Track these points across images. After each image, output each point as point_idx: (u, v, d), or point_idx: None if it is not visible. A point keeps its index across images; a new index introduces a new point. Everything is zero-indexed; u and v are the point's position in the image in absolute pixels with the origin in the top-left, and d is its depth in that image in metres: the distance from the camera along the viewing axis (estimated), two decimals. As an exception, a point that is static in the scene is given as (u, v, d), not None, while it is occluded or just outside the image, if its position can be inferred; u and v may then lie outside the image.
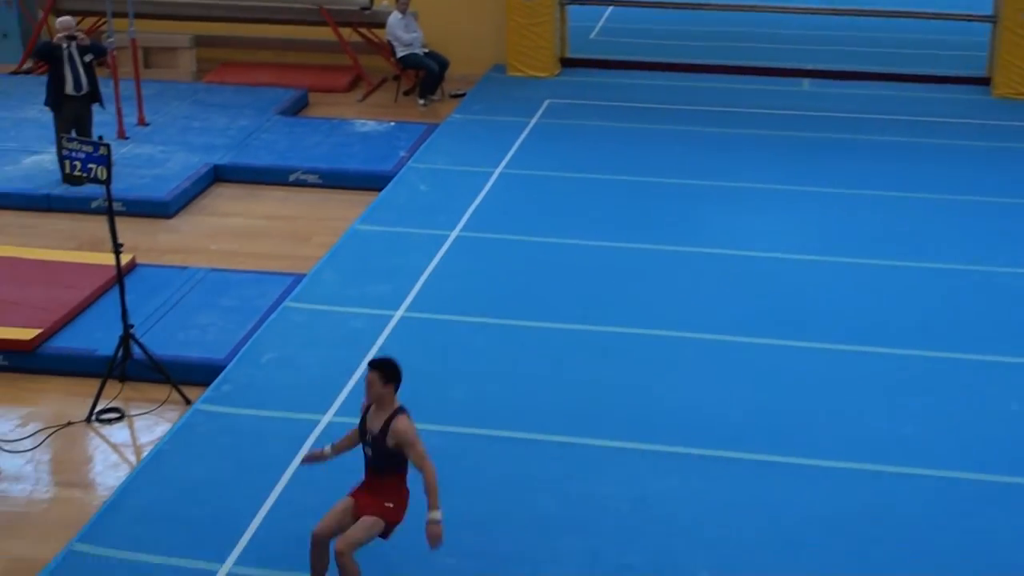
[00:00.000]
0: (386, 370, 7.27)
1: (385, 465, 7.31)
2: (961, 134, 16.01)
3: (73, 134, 13.40)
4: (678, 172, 14.42)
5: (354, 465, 7.63)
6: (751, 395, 9.80)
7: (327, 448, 7.71)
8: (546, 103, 16.91)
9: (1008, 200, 13.76)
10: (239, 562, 7.80)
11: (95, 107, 14.12)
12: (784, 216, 13.32)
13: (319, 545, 7.35)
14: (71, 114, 13.86)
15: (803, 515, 8.37)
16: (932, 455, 9.01)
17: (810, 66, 18.69)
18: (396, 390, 7.33)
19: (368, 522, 7.22)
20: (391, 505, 7.33)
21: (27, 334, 10.47)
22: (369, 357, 10.17)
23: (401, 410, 7.30)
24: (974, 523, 8.29)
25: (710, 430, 9.30)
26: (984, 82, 17.95)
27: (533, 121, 16.16)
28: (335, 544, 7.23)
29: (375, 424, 7.30)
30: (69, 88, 13.81)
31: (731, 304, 11.29)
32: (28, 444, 9.43)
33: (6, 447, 9.37)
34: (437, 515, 7.11)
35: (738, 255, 12.30)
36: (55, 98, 13.91)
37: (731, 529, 8.22)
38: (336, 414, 9.44)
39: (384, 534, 7.34)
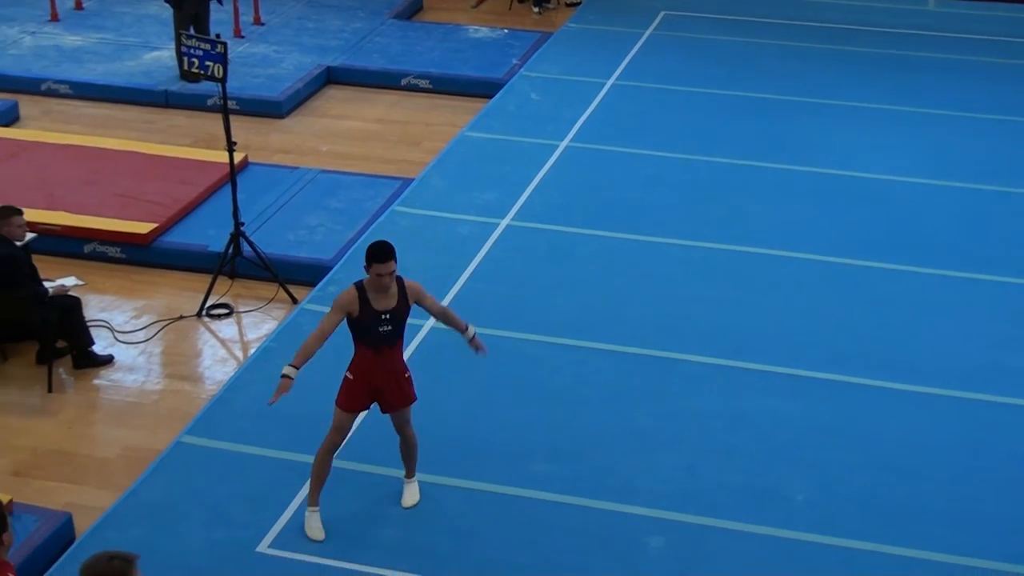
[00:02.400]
0: (394, 254, 7.16)
1: (401, 333, 7.34)
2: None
3: (191, 31, 13.56)
4: (792, 89, 14.19)
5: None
6: (855, 318, 9.72)
7: (288, 371, 7.19)
8: (661, 14, 16.69)
9: None
10: (340, 457, 7.95)
11: (213, 4, 14.25)
12: (898, 137, 13.06)
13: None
14: (190, 11, 13.98)
15: (902, 441, 8.34)
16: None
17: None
18: None
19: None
20: (409, 374, 7.45)
21: (144, 228, 10.71)
22: (475, 264, 10.30)
23: (399, 277, 7.25)
24: (1077, 458, 8.19)
25: (812, 351, 9.26)
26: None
27: (648, 32, 15.97)
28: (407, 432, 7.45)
29: (387, 302, 7.21)
30: (189, -15, 13.94)
31: (839, 224, 11.16)
32: (141, 336, 9.69)
33: (120, 338, 9.64)
34: (473, 329, 7.54)
35: (848, 175, 12.12)
36: (175, -7, 14.05)
37: (829, 452, 8.22)
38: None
39: None
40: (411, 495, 7.69)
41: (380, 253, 7.07)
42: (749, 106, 13.72)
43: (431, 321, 9.49)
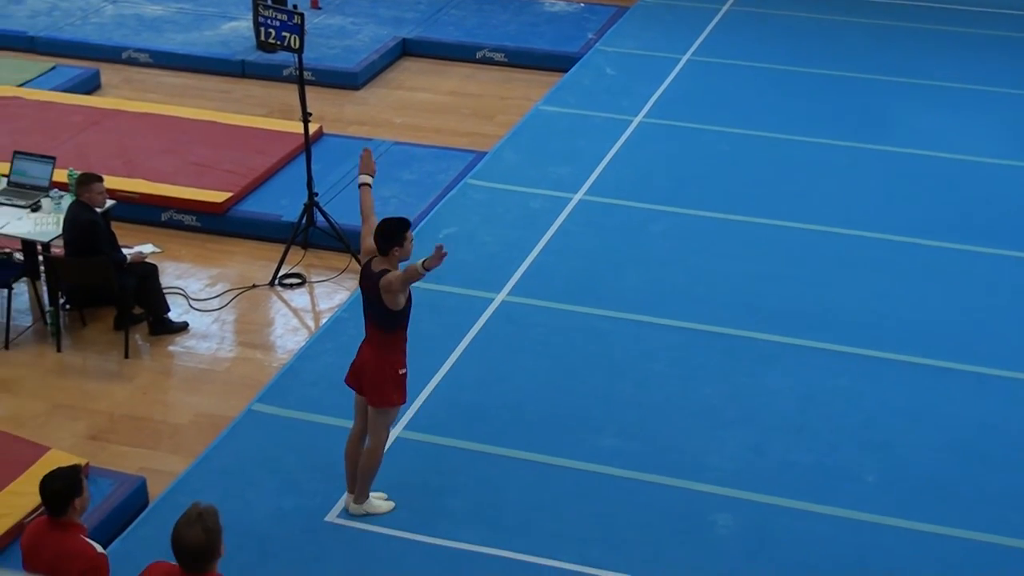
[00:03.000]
0: None
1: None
2: None
3: (269, 1, 13.62)
4: (870, 67, 13.98)
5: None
6: (932, 300, 9.60)
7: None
8: (739, -11, 16.53)
9: None
10: (408, 428, 8.03)
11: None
12: (978, 117, 12.85)
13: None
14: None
15: (976, 424, 8.24)
16: None
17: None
18: None
19: None
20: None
21: (219, 197, 10.81)
22: (546, 238, 10.29)
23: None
24: None
25: (885, 332, 9.16)
26: None
27: (725, 8, 15.81)
28: None
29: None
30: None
31: (916, 205, 11.02)
32: (215, 304, 9.80)
33: (195, 305, 9.75)
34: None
35: (926, 155, 11.95)
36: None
37: (901, 433, 8.14)
38: (510, 293, 9.56)
39: None
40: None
41: (403, 221, 6.91)
42: (826, 84, 13.56)
43: (501, 295, 9.52)
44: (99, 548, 5.74)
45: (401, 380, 7.08)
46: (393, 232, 6.89)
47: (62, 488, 5.66)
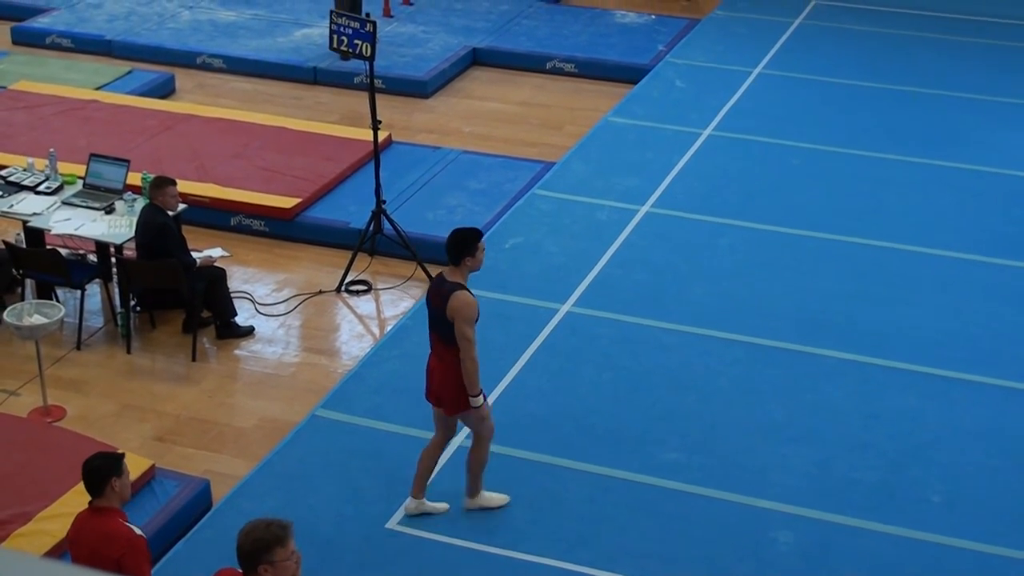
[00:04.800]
0: None
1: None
2: None
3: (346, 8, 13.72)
4: (941, 83, 13.85)
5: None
6: (1000, 319, 9.49)
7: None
8: (812, 3, 16.42)
9: None
10: (470, 436, 8.03)
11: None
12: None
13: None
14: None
15: (1044, 448, 8.13)
16: None
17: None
18: None
19: None
20: None
21: (287, 202, 10.91)
22: (613, 249, 10.28)
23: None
24: None
25: (952, 351, 9.06)
26: None
27: (797, 21, 15.73)
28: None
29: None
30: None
31: (987, 223, 10.89)
32: (282, 308, 9.88)
33: (262, 310, 9.85)
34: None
35: (998, 172, 11.80)
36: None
37: (967, 454, 8.04)
38: (575, 304, 9.56)
39: None
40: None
41: (475, 231, 6.97)
42: (898, 99, 13.44)
43: (566, 306, 9.52)
44: (137, 531, 5.82)
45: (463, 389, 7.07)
46: (465, 241, 6.93)
47: (101, 466, 5.76)
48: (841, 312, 9.55)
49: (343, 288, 10.12)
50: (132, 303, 9.48)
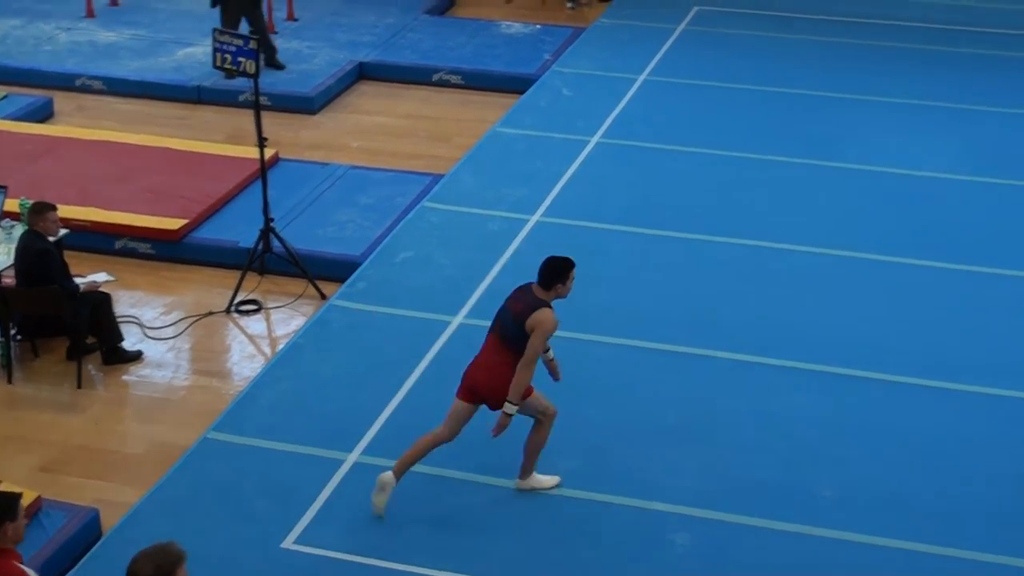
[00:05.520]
0: None
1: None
2: None
3: (246, 30, 13.58)
4: (826, 85, 14.08)
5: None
6: (884, 314, 9.65)
7: (509, 409, 7.29)
8: (695, 10, 16.60)
9: None
10: (366, 452, 7.99)
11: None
12: (933, 133, 12.95)
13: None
14: (235, 11, 13.99)
15: (932, 439, 8.26)
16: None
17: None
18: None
19: None
20: None
21: (174, 224, 10.74)
22: (504, 260, 10.28)
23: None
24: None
25: (841, 348, 9.18)
26: None
27: (680, 28, 15.89)
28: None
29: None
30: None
31: (867, 221, 11.07)
32: (170, 332, 9.72)
33: (150, 334, 9.68)
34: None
35: (882, 171, 12.01)
36: (218, -5, 14.07)
37: (857, 449, 8.15)
38: (467, 315, 9.53)
39: None
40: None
41: (570, 260, 7.35)
42: (783, 102, 13.63)
43: (459, 318, 9.49)
44: (33, 574, 5.66)
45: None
46: (559, 270, 7.33)
47: None
48: (732, 314, 9.64)
49: (233, 308, 9.99)
50: (13, 331, 9.25)
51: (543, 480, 7.71)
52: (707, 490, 7.75)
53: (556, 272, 7.29)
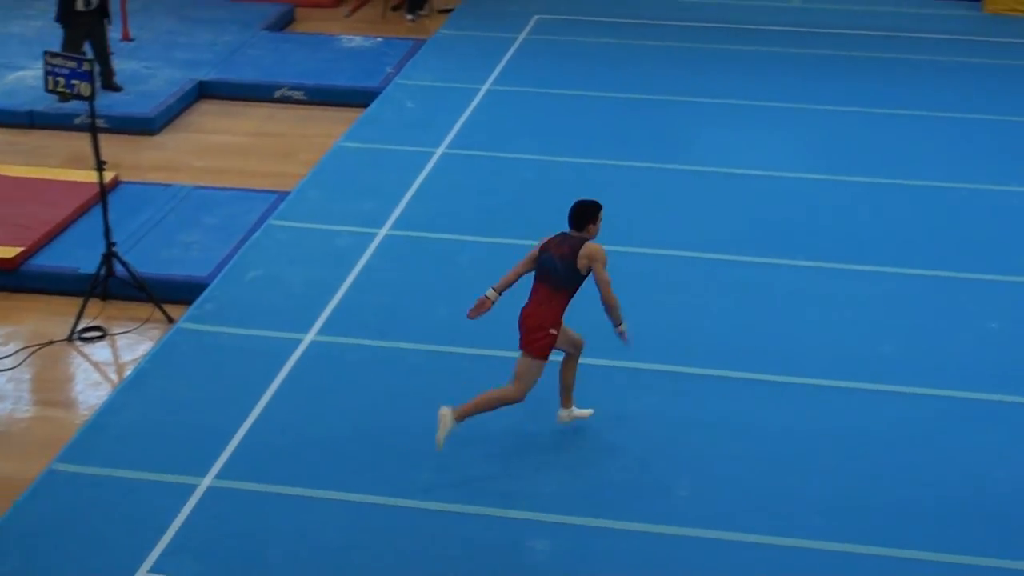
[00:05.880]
0: None
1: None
2: (952, 50, 15.88)
3: (89, 54, 13.26)
4: (667, 89, 14.31)
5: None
6: (736, 313, 9.81)
7: (490, 294, 8.13)
8: (534, 18, 16.75)
9: (996, 117, 13.69)
10: (220, 476, 7.84)
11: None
12: (774, 133, 13.24)
13: None
14: (81, 32, 13.66)
15: (781, 432, 8.42)
16: (909, 373, 9.05)
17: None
18: None
19: None
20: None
21: (9, 252, 10.43)
22: (354, 274, 10.20)
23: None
24: (951, 440, 8.35)
25: (691, 347, 9.31)
26: (976, -2, 17.82)
27: (522, 37, 16.01)
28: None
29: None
30: (79, 3, 13.60)
31: (717, 221, 11.26)
32: (9, 363, 9.43)
33: (-12, 365, 9.40)
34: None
35: (726, 172, 12.24)
36: (65, 14, 13.69)
37: (709, 446, 8.27)
38: (319, 332, 9.44)
39: None
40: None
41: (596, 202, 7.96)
42: (625, 107, 13.81)
43: (310, 335, 9.40)
44: None
45: (550, 340, 7.86)
46: (588, 212, 7.94)
47: None
48: (583, 318, 9.67)
49: (76, 336, 9.73)
50: None
51: (582, 412, 8.33)
52: (564, 495, 7.77)
53: (586, 214, 7.89)
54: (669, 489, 7.85)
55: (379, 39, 16.10)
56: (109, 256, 9.98)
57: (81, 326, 9.78)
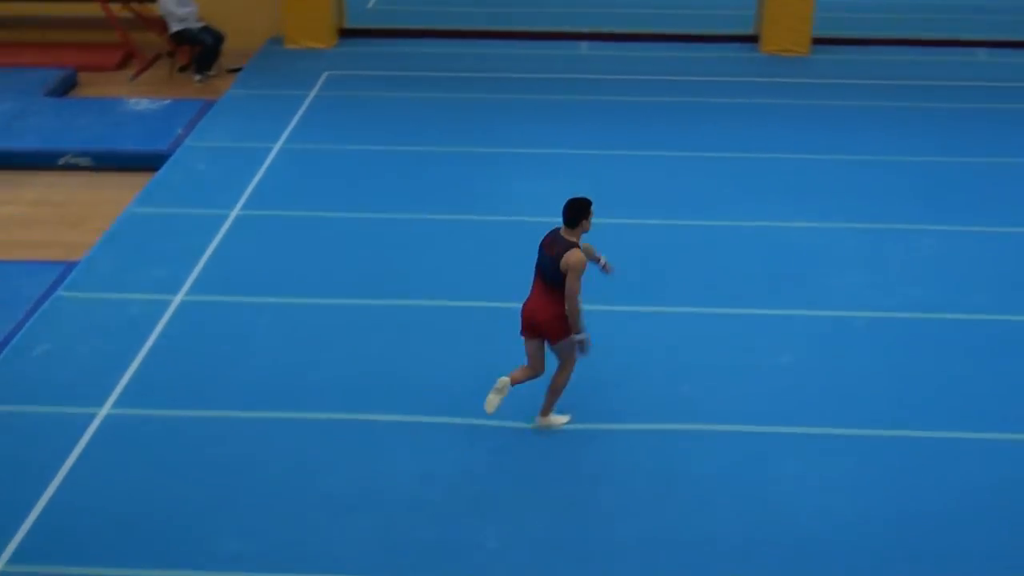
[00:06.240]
0: None
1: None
2: (731, 92, 16.37)
3: None
4: (458, 140, 14.41)
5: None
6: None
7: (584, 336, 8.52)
8: (325, 75, 16.71)
9: (776, 155, 14.14)
10: (11, 561, 7.55)
11: None
12: (564, 180, 13.40)
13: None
14: None
15: (585, 479, 8.50)
16: (714, 411, 9.26)
17: (587, 29, 18.89)
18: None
19: None
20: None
21: None
22: (149, 344, 9.96)
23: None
24: (754, 476, 8.55)
25: (480, 400, 9.32)
26: (753, 39, 18.43)
27: (312, 94, 15.94)
28: None
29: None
30: None
31: (510, 270, 11.31)
32: None
33: None
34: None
35: (517, 220, 12.31)
36: None
37: (513, 499, 8.29)
38: (114, 405, 9.19)
39: None
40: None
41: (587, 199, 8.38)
42: (418, 160, 13.84)
43: (104, 409, 9.14)
44: None
45: (565, 322, 8.45)
46: (581, 208, 8.34)
47: None
48: (387, 373, 9.65)
49: None
50: None
51: (558, 419, 8.92)
52: (375, 554, 7.73)
53: (578, 210, 8.32)
54: (478, 542, 7.83)
55: (167, 101, 15.82)
56: None
57: None
